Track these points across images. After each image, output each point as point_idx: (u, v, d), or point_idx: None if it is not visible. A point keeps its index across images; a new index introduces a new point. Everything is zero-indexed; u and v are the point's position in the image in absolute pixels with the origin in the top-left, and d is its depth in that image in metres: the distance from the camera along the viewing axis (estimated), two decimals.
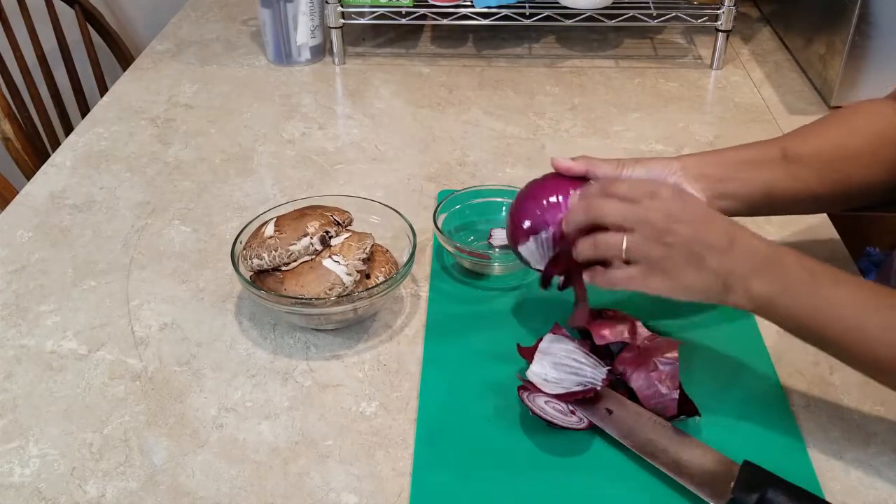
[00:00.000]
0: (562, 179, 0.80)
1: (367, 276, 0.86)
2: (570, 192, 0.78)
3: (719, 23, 1.36)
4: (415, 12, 1.38)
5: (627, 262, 0.72)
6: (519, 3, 1.37)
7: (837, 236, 1.01)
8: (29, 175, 1.36)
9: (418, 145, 1.21)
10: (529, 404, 0.75)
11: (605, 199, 0.73)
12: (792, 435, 0.76)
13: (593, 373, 0.76)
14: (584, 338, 0.82)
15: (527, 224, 0.79)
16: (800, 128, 0.87)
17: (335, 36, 1.40)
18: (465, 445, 0.75)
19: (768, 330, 0.85)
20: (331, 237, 0.85)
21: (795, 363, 0.83)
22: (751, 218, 0.83)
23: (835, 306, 0.68)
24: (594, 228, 0.74)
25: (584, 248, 0.74)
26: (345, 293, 0.83)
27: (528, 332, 0.87)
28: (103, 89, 1.66)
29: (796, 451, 0.75)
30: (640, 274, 0.71)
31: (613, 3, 1.36)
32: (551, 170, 0.82)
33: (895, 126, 0.84)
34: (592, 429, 0.75)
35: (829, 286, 0.69)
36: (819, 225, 1.03)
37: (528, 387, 0.76)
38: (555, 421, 0.75)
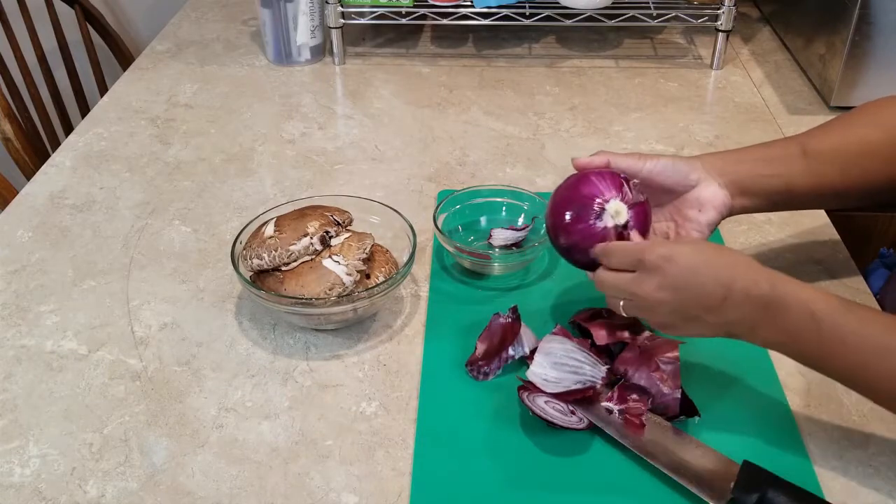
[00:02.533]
0: (597, 175, 0.79)
1: (367, 276, 0.86)
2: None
3: (719, 23, 1.36)
4: (415, 12, 1.38)
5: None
6: (519, 3, 1.37)
7: (838, 236, 1.01)
8: (29, 175, 1.36)
9: (418, 145, 1.21)
10: (529, 404, 0.75)
11: (603, 273, 0.76)
12: (792, 435, 0.76)
13: (593, 371, 0.76)
14: (584, 337, 0.82)
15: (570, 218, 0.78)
16: (823, 123, 0.87)
17: (335, 36, 1.40)
18: (465, 445, 0.75)
19: None
20: (331, 237, 0.85)
21: (795, 363, 0.83)
22: (751, 217, 0.83)
23: (838, 343, 0.68)
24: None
25: (596, 283, 0.77)
26: (345, 293, 0.83)
27: None
28: (103, 89, 1.66)
29: (796, 451, 0.75)
30: (653, 324, 0.75)
31: (613, 3, 1.36)
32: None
33: None
34: (592, 429, 0.75)
35: (831, 325, 0.68)
36: (819, 225, 1.03)
37: (528, 387, 0.76)
38: (555, 421, 0.75)
